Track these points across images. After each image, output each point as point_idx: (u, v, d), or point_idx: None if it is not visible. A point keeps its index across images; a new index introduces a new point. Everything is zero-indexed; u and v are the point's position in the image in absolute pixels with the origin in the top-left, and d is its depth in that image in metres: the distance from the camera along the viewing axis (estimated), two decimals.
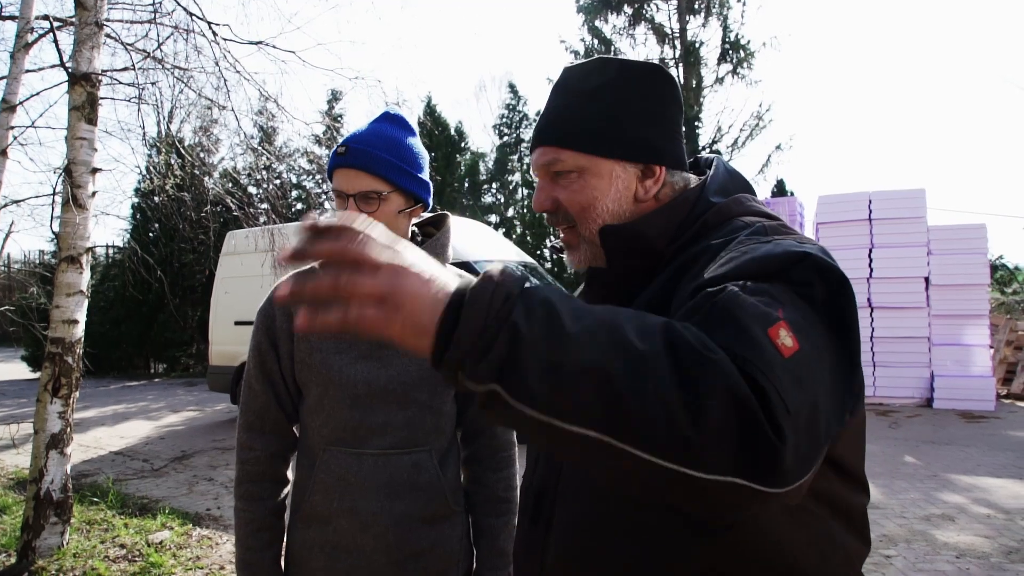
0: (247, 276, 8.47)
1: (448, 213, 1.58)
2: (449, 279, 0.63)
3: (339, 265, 0.59)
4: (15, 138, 5.04)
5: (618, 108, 0.96)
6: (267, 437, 1.44)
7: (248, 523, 1.41)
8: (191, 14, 4.83)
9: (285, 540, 1.47)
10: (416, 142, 1.43)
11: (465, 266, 6.81)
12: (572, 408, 0.59)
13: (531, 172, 1.05)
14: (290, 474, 1.50)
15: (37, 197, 5.03)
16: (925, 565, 3.82)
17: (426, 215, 1.57)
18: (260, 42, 5.08)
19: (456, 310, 0.60)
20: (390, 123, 1.42)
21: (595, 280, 1.00)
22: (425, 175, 1.43)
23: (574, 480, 0.90)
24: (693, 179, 1.01)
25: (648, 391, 0.58)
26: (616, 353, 0.59)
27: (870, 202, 9.61)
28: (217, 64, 4.98)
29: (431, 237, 1.52)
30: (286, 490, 1.49)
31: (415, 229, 1.54)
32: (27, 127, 5.21)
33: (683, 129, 1.03)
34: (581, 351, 0.59)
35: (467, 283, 0.63)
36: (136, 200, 16.08)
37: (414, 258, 0.63)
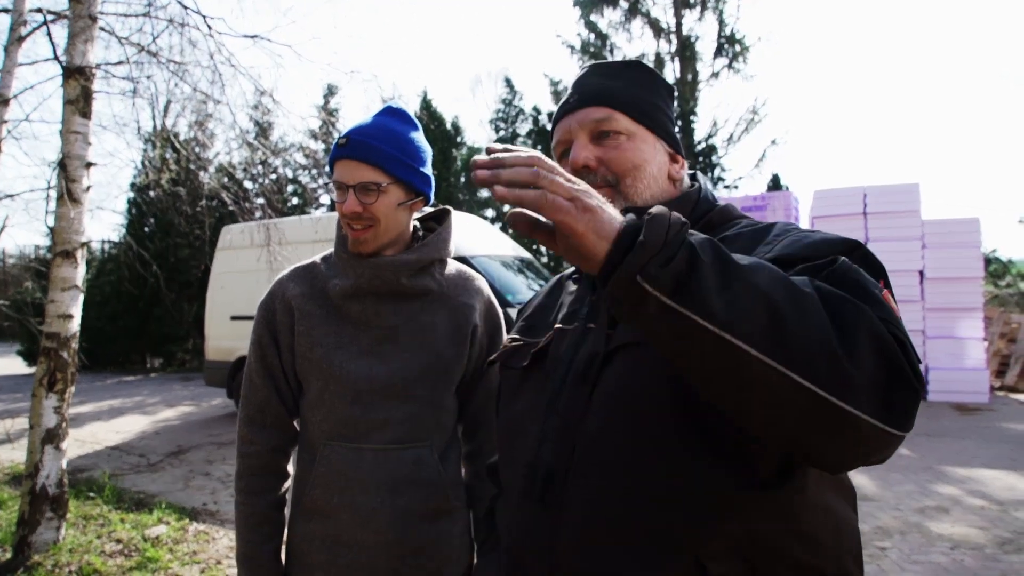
0: (243, 271, 8.45)
1: (450, 208, 1.58)
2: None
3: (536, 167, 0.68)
4: (9, 132, 5.01)
5: (657, 98, 1.08)
6: (268, 431, 1.44)
7: (249, 517, 1.41)
8: (186, 7, 4.80)
9: (286, 534, 1.47)
10: (418, 136, 1.43)
11: (463, 261, 6.80)
12: (741, 324, 0.63)
13: (557, 137, 1.08)
14: (291, 468, 1.50)
15: (32, 191, 5.02)
16: (920, 557, 3.85)
17: (428, 209, 1.57)
18: (255, 35, 5.05)
19: (634, 229, 0.68)
20: (392, 116, 1.41)
21: None
22: (427, 169, 1.43)
23: (593, 455, 0.88)
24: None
25: (811, 322, 0.63)
26: (780, 285, 0.65)
27: (865, 196, 9.63)
28: (212, 58, 4.95)
29: (433, 232, 1.51)
30: (287, 484, 1.49)
31: (417, 223, 1.53)
32: (21, 121, 5.17)
33: None
34: (751, 277, 0.65)
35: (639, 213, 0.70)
36: (131, 195, 16.00)
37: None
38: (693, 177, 1.12)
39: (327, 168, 1.42)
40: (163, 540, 4.25)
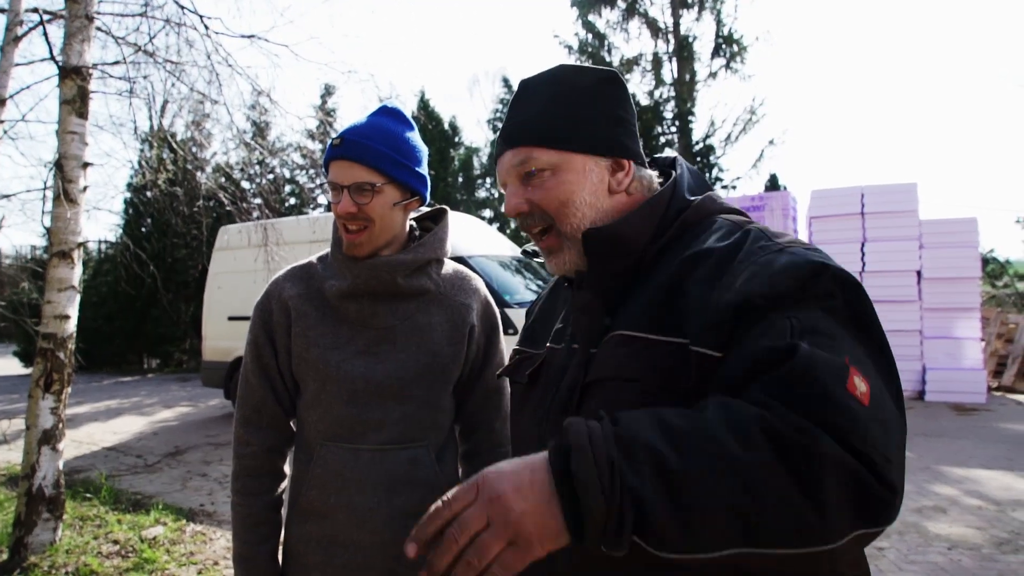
0: (240, 271, 8.44)
1: (446, 208, 1.57)
2: (537, 467, 0.67)
3: (461, 546, 0.65)
4: (5, 132, 4.99)
5: (582, 108, 1.00)
6: (264, 432, 1.44)
7: (245, 518, 1.41)
8: (182, 7, 4.79)
9: (282, 535, 1.46)
10: (414, 135, 1.42)
11: (461, 261, 6.80)
12: (709, 541, 0.64)
13: (499, 180, 1.05)
14: (287, 468, 1.50)
15: (28, 192, 5.00)
16: (917, 557, 3.85)
17: (425, 209, 1.56)
18: (252, 35, 5.04)
19: (571, 499, 0.64)
20: (387, 116, 1.40)
21: (584, 283, 1.00)
22: (422, 169, 1.42)
23: None
24: (655, 176, 1.05)
25: (772, 501, 0.63)
26: (731, 477, 0.63)
27: (862, 196, 9.64)
28: (209, 58, 4.95)
29: (429, 232, 1.51)
30: (283, 485, 1.48)
31: (413, 223, 1.53)
32: (17, 121, 5.16)
33: (638, 131, 1.06)
34: (700, 489, 0.63)
35: (562, 462, 0.66)
36: (128, 195, 15.97)
37: (493, 476, 0.67)
38: (673, 164, 1.06)
39: (323, 168, 1.41)
40: (160, 541, 4.24)
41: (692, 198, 0.99)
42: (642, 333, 0.87)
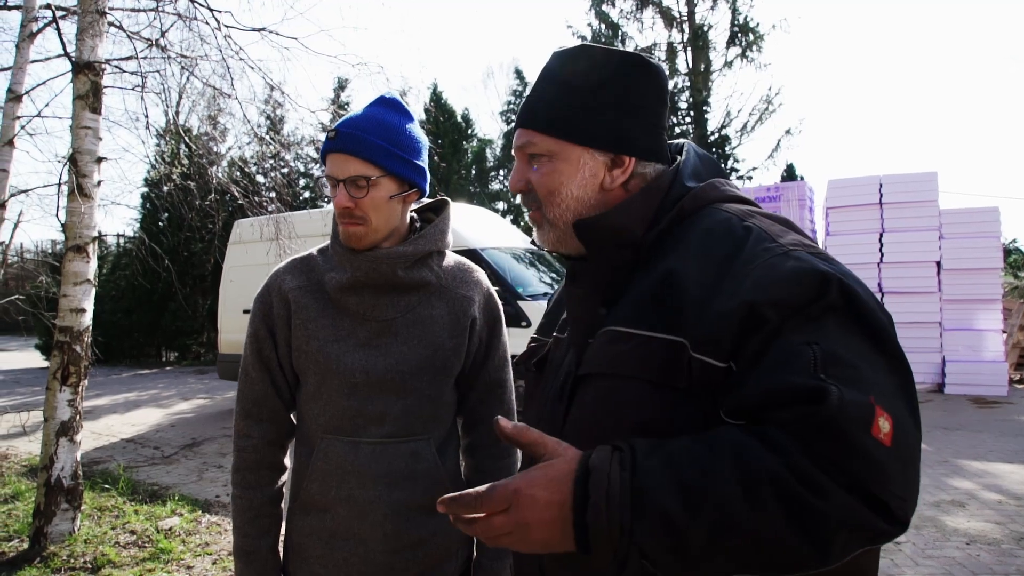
0: (253, 265, 8.49)
1: (448, 199, 1.56)
2: (562, 491, 0.73)
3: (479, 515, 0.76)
4: (22, 127, 5.05)
5: (594, 96, 0.96)
6: (264, 425, 1.43)
7: (245, 511, 1.41)
8: (193, 1, 4.80)
9: (284, 528, 1.46)
10: (412, 126, 1.40)
11: (469, 253, 6.78)
12: (710, 573, 0.71)
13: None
14: (287, 461, 1.50)
15: (45, 187, 5.03)
16: (934, 551, 3.80)
17: (427, 200, 1.55)
18: (263, 28, 5.05)
19: (583, 534, 0.72)
20: (384, 107, 1.38)
21: (581, 274, 1.01)
22: (421, 160, 1.40)
23: None
24: (662, 168, 1.02)
25: (777, 553, 0.67)
26: (739, 537, 0.67)
27: (881, 186, 9.51)
28: (221, 52, 4.95)
29: (431, 223, 1.49)
30: (284, 478, 1.48)
31: (414, 215, 1.52)
32: (33, 116, 5.21)
33: (665, 122, 1.01)
34: (706, 545, 0.68)
35: (581, 505, 0.72)
36: (145, 190, 16.13)
37: (526, 498, 0.74)
38: (679, 150, 1.03)
39: (321, 162, 1.40)
40: (176, 531, 4.30)
41: (692, 185, 0.95)
42: (634, 329, 0.86)
